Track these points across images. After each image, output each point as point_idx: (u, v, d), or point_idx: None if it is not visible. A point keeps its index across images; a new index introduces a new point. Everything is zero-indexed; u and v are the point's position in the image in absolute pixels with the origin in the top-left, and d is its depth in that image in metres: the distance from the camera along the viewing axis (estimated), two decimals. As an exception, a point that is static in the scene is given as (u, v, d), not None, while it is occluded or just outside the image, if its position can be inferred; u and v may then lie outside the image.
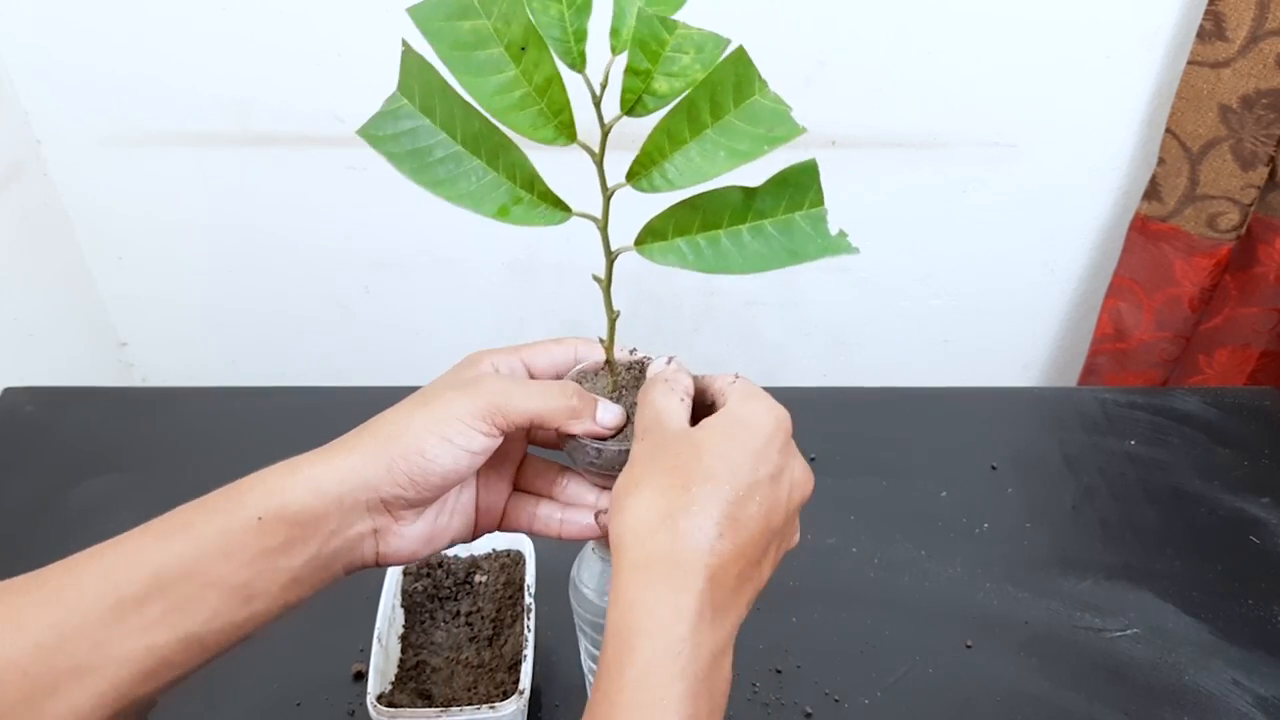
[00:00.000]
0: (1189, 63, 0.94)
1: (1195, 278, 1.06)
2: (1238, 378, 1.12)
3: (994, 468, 0.83)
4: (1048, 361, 1.28)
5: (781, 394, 0.98)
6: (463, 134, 0.40)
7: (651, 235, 0.43)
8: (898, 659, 0.69)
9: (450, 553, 0.70)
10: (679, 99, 0.40)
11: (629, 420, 0.46)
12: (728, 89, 0.39)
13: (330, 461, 0.42)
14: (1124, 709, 0.66)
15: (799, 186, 0.41)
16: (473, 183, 0.41)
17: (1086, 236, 1.14)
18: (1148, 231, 1.06)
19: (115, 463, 0.85)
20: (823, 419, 0.88)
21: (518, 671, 0.61)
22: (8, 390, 0.92)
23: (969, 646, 0.70)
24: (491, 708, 0.58)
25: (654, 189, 0.41)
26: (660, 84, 0.39)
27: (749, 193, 0.41)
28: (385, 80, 0.41)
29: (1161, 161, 1.01)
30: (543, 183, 0.42)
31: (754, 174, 0.41)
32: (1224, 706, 0.66)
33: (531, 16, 0.38)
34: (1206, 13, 0.91)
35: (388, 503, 0.43)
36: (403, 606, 0.68)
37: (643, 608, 0.38)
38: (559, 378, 0.48)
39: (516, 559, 0.69)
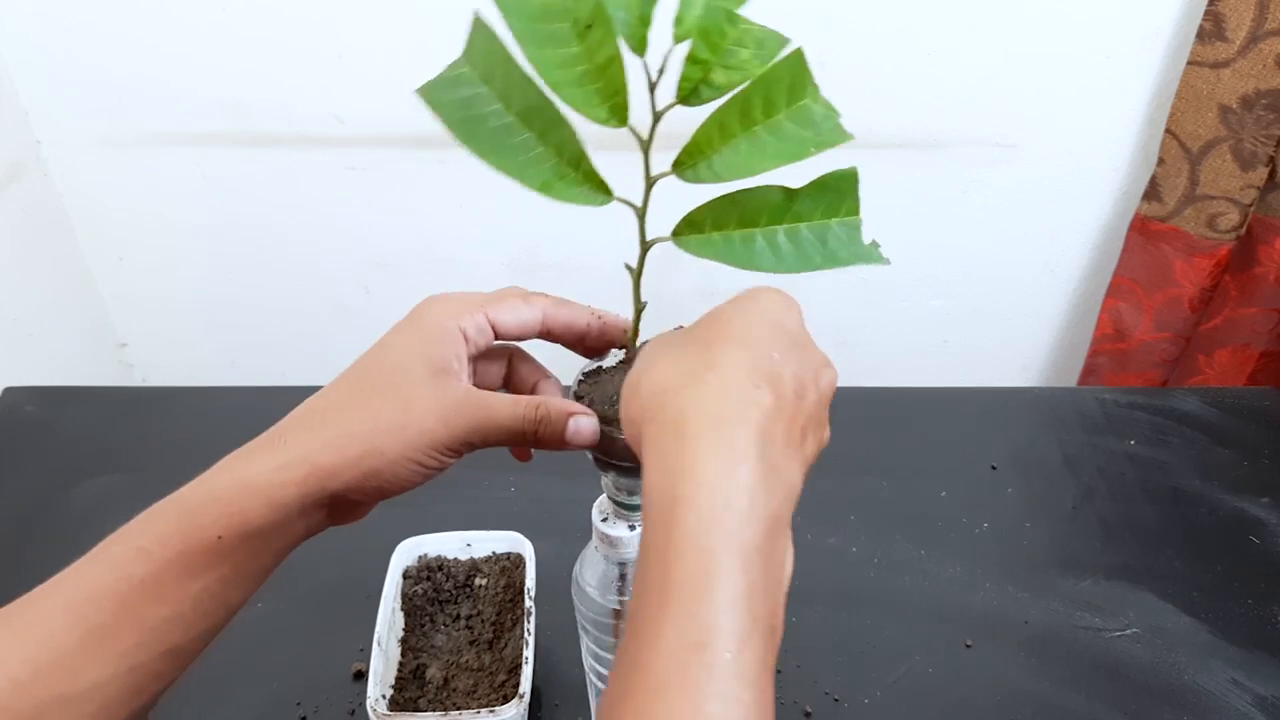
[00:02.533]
0: (1189, 63, 0.94)
1: (1195, 278, 1.06)
2: (1238, 378, 1.12)
3: (994, 468, 0.83)
4: (1047, 361, 1.28)
5: (781, 394, 0.97)
6: (518, 106, 0.40)
7: (689, 227, 0.44)
8: (898, 659, 0.69)
9: (450, 556, 0.70)
10: (734, 92, 0.40)
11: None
12: (782, 88, 0.39)
13: (291, 470, 0.40)
14: (1124, 709, 0.66)
15: (838, 192, 0.42)
16: (521, 155, 0.41)
17: (1086, 236, 1.14)
18: (1148, 232, 1.06)
19: (115, 463, 0.85)
20: (823, 419, 0.88)
21: (518, 675, 0.61)
22: (8, 390, 0.92)
23: (969, 646, 0.70)
24: (492, 712, 0.58)
25: (699, 179, 0.42)
26: (718, 75, 0.40)
27: (789, 194, 0.42)
28: (386, 80, 0.41)
29: (1161, 162, 1.01)
30: (589, 162, 0.42)
31: (794, 176, 0.41)
32: (1224, 706, 0.66)
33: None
34: (1206, 13, 0.91)
35: (354, 500, 0.42)
36: (403, 610, 0.68)
37: (682, 472, 0.33)
38: (522, 338, 0.47)
39: (517, 562, 0.69)
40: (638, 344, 0.48)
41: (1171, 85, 0.98)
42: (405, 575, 0.69)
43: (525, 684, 0.60)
